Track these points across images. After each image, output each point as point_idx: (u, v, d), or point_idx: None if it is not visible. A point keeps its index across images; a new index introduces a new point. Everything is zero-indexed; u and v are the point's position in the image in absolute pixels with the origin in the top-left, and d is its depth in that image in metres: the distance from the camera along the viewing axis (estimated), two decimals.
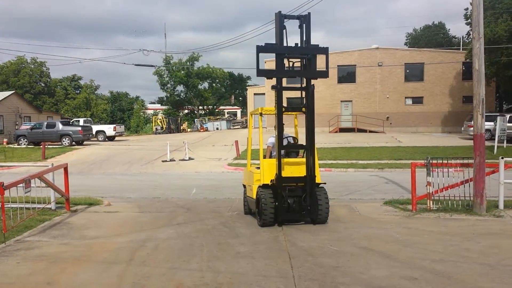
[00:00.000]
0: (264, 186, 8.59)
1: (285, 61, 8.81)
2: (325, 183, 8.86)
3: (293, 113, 9.56)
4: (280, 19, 8.55)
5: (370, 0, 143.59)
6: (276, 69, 8.50)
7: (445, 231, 8.17)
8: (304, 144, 8.68)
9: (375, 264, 6.21)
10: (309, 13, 8.58)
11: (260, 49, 8.49)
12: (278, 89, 8.45)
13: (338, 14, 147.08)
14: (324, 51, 8.57)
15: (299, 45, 8.69)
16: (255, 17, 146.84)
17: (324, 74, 8.59)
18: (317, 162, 8.74)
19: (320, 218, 8.56)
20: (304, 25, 8.62)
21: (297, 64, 8.87)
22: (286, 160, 8.67)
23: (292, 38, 8.30)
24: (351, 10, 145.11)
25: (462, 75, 40.38)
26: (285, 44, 8.61)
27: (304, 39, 8.66)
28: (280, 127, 8.47)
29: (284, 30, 8.65)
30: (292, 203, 8.52)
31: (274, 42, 8.69)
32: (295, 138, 9.51)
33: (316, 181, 8.60)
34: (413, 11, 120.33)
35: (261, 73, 8.60)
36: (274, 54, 8.65)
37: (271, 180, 8.54)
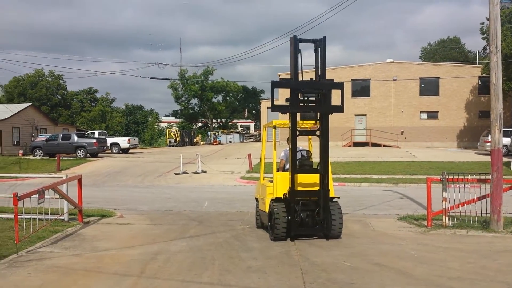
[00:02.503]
0: (277, 199, 8.51)
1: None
2: (338, 198, 8.75)
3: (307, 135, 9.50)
4: (295, 43, 8.55)
5: (386, 15, 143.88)
6: (291, 103, 8.46)
7: (462, 248, 8.01)
8: (319, 160, 8.58)
9: (390, 281, 6.07)
10: (324, 37, 8.60)
11: (275, 85, 8.57)
12: (292, 113, 8.51)
13: (354, 28, 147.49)
14: (339, 86, 8.58)
15: (314, 78, 8.69)
16: (273, 31, 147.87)
17: (339, 109, 8.57)
18: (330, 176, 8.64)
19: (333, 233, 8.43)
20: (319, 48, 8.62)
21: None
22: (299, 174, 8.59)
23: (309, 52, 8.27)
24: (366, 24, 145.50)
25: (478, 90, 39.99)
26: (299, 68, 8.64)
27: (319, 70, 8.59)
28: (294, 149, 8.42)
29: (299, 54, 8.66)
30: (305, 217, 8.41)
31: (288, 58, 8.73)
32: (308, 152, 9.44)
33: (330, 195, 8.50)
34: (429, 26, 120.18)
35: (276, 108, 8.56)
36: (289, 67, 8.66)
37: (284, 194, 8.46)
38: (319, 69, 8.64)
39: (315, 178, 8.54)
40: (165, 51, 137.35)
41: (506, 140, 25.07)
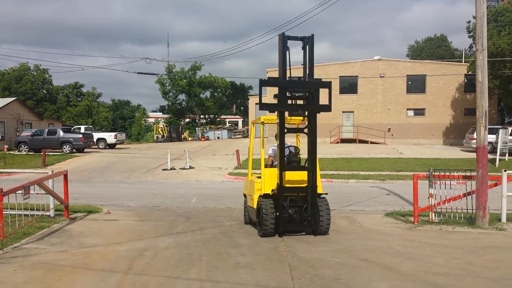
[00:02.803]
0: (265, 195, 8.53)
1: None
2: (326, 194, 8.79)
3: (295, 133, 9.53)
4: (284, 40, 8.55)
5: (374, 12, 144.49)
6: (279, 102, 8.48)
7: (448, 244, 8.09)
8: (307, 156, 8.62)
9: (377, 277, 6.12)
10: (312, 35, 8.62)
11: (263, 83, 8.60)
12: (281, 112, 8.55)
13: (342, 25, 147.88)
14: (327, 85, 8.57)
15: (302, 75, 8.71)
16: (262, 26, 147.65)
17: (327, 108, 8.58)
18: (318, 172, 8.68)
19: (321, 229, 8.47)
20: (307, 46, 8.63)
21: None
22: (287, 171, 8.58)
23: (297, 48, 8.22)
24: (354, 21, 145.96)
25: (464, 88, 40.41)
26: (288, 66, 8.64)
27: (307, 69, 8.60)
28: (282, 146, 8.47)
29: (288, 51, 8.65)
30: (293, 213, 8.45)
31: (277, 55, 8.72)
32: (296, 148, 9.46)
33: (318, 192, 8.53)
34: (416, 24, 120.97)
35: (264, 106, 8.53)
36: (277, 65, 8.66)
37: (272, 190, 8.48)
38: (307, 67, 8.65)
39: (303, 174, 8.57)
40: (153, 46, 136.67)
41: (491, 138, 25.32)
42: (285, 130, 8.58)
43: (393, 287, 5.73)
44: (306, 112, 8.73)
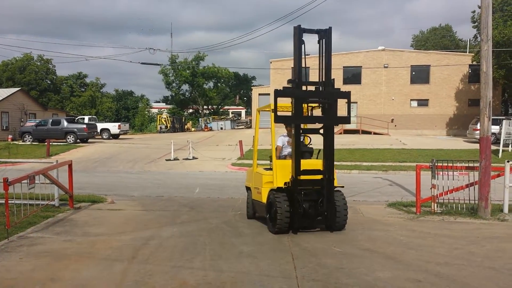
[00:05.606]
0: (278, 189, 7.98)
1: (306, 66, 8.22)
2: (342, 187, 8.43)
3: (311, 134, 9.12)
4: (299, 33, 7.97)
5: (379, 2, 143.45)
6: (295, 114, 7.94)
7: (449, 234, 8.13)
8: (318, 148, 8.36)
9: (379, 266, 6.17)
10: (330, 27, 8.05)
11: (279, 94, 7.91)
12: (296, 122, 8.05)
13: (347, 14, 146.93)
14: (346, 96, 8.05)
15: (318, 87, 8.20)
16: (266, 16, 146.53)
17: (346, 120, 8.25)
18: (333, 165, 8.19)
19: (337, 225, 8.03)
20: (323, 40, 8.04)
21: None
22: (302, 163, 7.95)
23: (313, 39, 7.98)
24: (359, 11, 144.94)
25: (468, 78, 40.25)
26: (303, 60, 8.00)
27: (324, 76, 8.04)
28: (298, 158, 7.89)
29: (303, 45, 8.01)
30: (307, 208, 7.86)
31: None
32: (309, 138, 9.22)
33: (334, 184, 8.03)
34: (421, 14, 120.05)
35: (279, 119, 7.94)
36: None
37: (285, 183, 7.94)
38: (324, 71, 8.06)
39: (318, 166, 8.20)
40: (157, 36, 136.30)
41: (495, 128, 25.31)
42: (301, 132, 8.16)
43: (395, 276, 5.77)
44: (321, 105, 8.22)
